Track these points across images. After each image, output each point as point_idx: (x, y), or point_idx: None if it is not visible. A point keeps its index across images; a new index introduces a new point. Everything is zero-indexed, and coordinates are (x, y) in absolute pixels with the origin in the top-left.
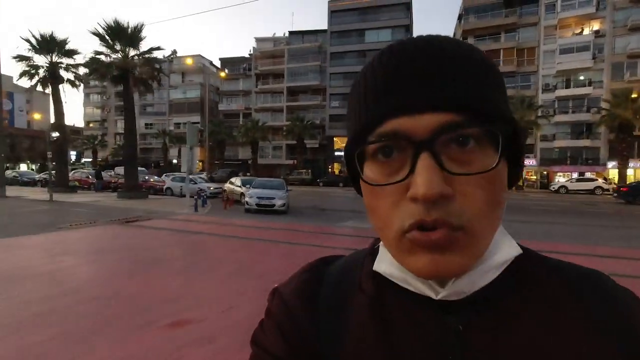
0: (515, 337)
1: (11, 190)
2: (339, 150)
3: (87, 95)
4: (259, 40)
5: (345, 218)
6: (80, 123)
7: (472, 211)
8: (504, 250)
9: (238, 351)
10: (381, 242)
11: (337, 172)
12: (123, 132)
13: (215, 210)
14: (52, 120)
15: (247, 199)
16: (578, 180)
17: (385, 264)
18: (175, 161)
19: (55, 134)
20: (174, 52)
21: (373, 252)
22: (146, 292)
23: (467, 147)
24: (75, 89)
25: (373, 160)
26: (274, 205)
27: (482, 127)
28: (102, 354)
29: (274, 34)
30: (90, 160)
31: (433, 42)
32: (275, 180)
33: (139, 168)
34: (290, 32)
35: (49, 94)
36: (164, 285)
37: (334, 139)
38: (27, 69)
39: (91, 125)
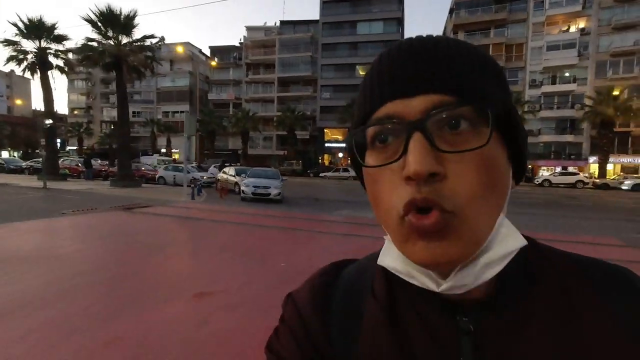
0: (530, 338)
1: None
2: (329, 141)
3: (71, 81)
4: (249, 29)
5: (339, 207)
6: (63, 110)
7: (465, 193)
8: (508, 242)
9: (260, 316)
10: (386, 236)
11: (327, 163)
12: (111, 120)
13: (211, 199)
14: (35, 106)
15: (243, 187)
16: (561, 174)
17: (389, 257)
18: (163, 150)
19: (49, 122)
20: (162, 38)
21: None
22: (164, 271)
23: (460, 128)
24: (64, 75)
25: (372, 148)
26: (269, 194)
27: (473, 106)
28: (138, 320)
29: (265, 23)
30: (75, 148)
31: (428, 40)
32: (270, 169)
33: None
34: (282, 22)
35: (29, 79)
36: (179, 265)
37: (325, 130)
38: (14, 53)
39: (76, 112)
